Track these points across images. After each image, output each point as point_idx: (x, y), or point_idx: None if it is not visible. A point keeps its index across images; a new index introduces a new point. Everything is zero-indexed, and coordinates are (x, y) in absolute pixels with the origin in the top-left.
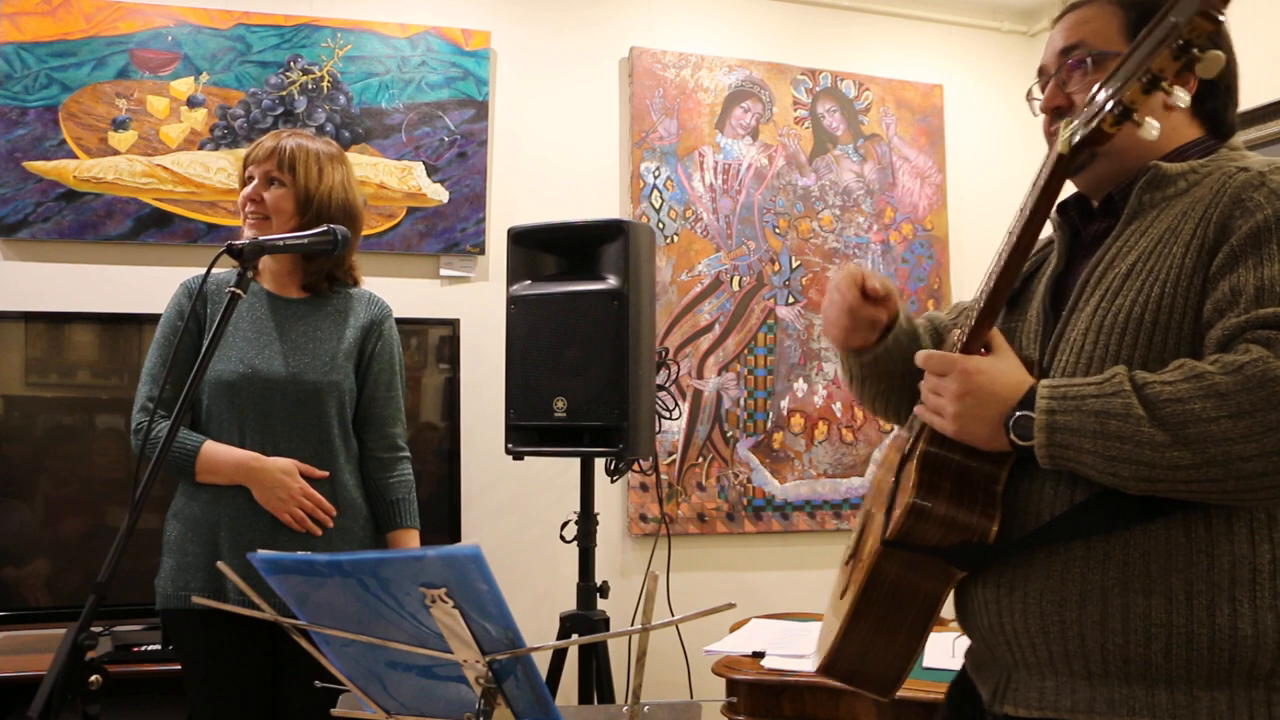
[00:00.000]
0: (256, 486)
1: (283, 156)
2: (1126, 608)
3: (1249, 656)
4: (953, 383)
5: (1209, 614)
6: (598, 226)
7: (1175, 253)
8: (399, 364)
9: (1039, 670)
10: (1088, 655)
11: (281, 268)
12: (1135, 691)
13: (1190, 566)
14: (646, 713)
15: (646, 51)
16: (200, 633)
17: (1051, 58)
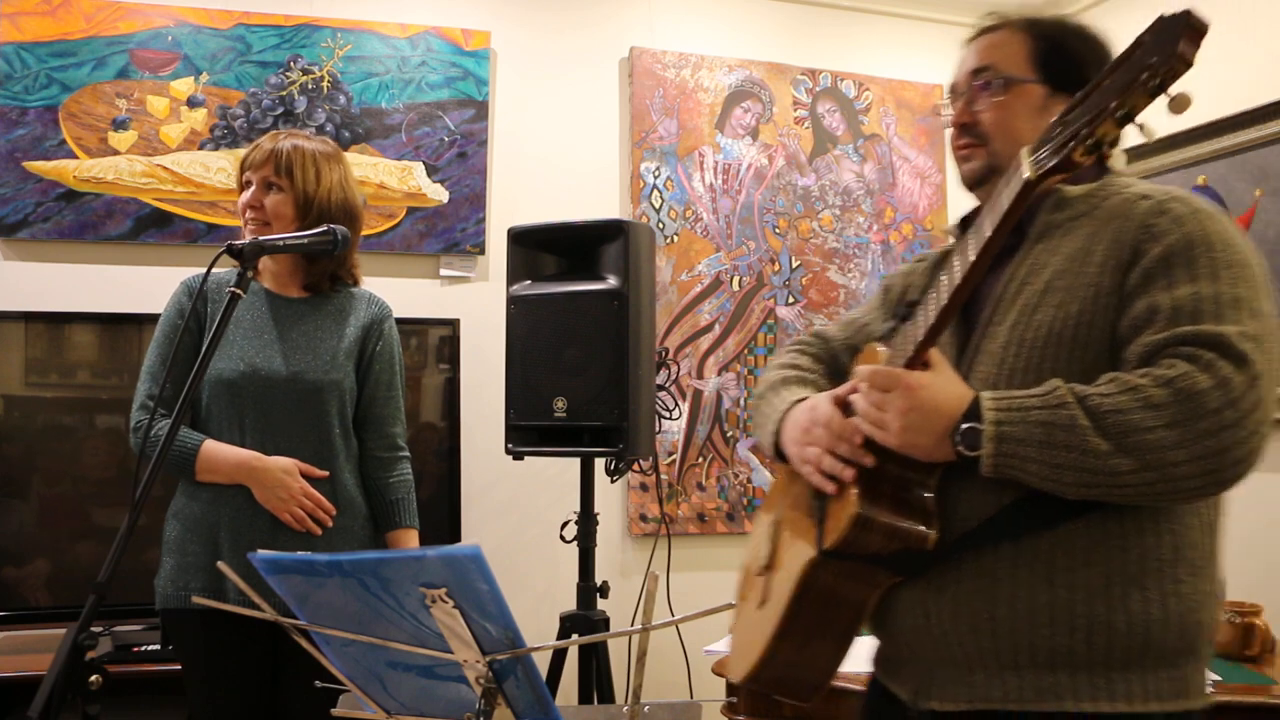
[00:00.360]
0: (257, 486)
1: (279, 160)
2: (1053, 602)
3: (1159, 638)
4: (898, 399)
5: (1124, 602)
6: (598, 226)
7: (1091, 272)
8: (399, 364)
9: (966, 665)
10: (1016, 648)
11: (282, 267)
12: (1060, 678)
13: (1107, 560)
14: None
15: (646, 51)
16: (200, 633)
17: (962, 77)
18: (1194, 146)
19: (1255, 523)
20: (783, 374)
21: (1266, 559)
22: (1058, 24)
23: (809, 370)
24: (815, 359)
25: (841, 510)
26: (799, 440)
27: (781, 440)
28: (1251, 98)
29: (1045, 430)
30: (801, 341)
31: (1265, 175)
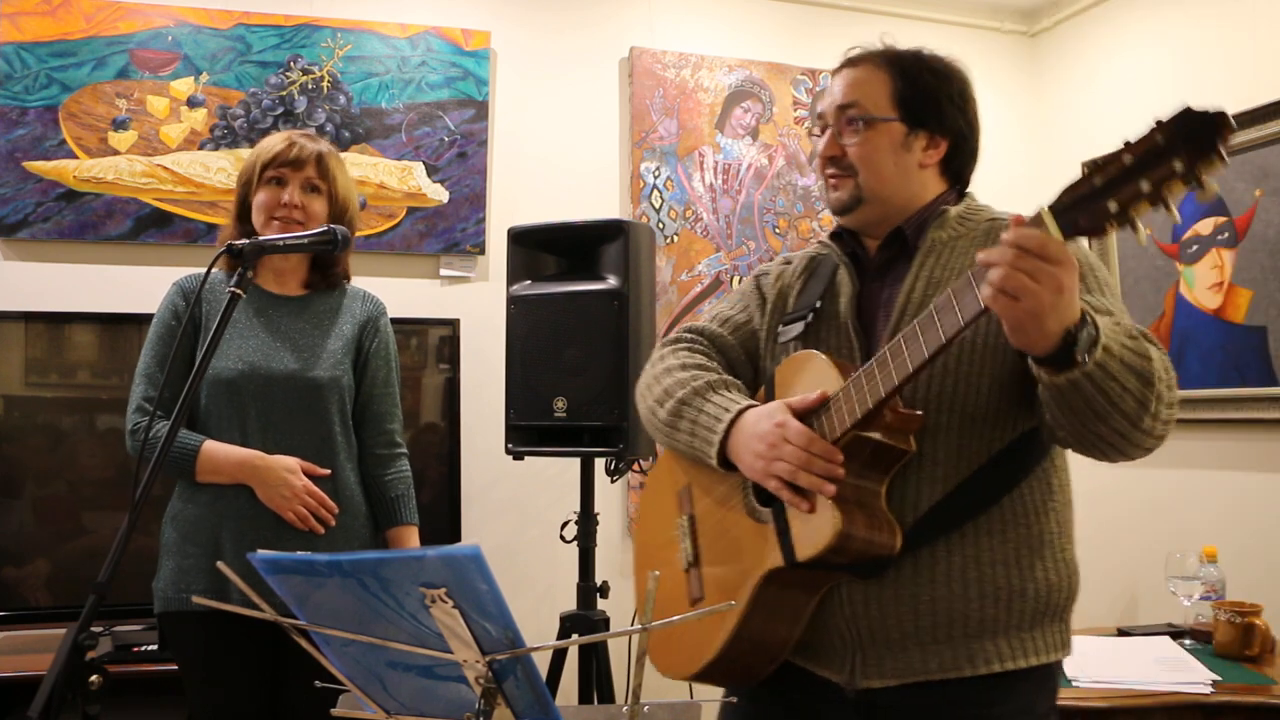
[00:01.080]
0: (260, 485)
1: (322, 164)
2: (980, 578)
3: (1055, 600)
4: (1064, 274)
5: (1031, 572)
6: (598, 226)
7: None
8: (395, 361)
9: (901, 644)
10: (951, 622)
11: (286, 265)
12: (985, 644)
13: (1019, 539)
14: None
15: (646, 51)
16: (201, 635)
17: (831, 110)
18: None
19: (1255, 523)
20: (703, 375)
21: (1266, 559)
22: (915, 61)
23: (716, 371)
24: (709, 357)
25: (815, 524)
26: (762, 454)
27: (732, 449)
28: (1251, 98)
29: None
30: (687, 339)
31: (1265, 175)
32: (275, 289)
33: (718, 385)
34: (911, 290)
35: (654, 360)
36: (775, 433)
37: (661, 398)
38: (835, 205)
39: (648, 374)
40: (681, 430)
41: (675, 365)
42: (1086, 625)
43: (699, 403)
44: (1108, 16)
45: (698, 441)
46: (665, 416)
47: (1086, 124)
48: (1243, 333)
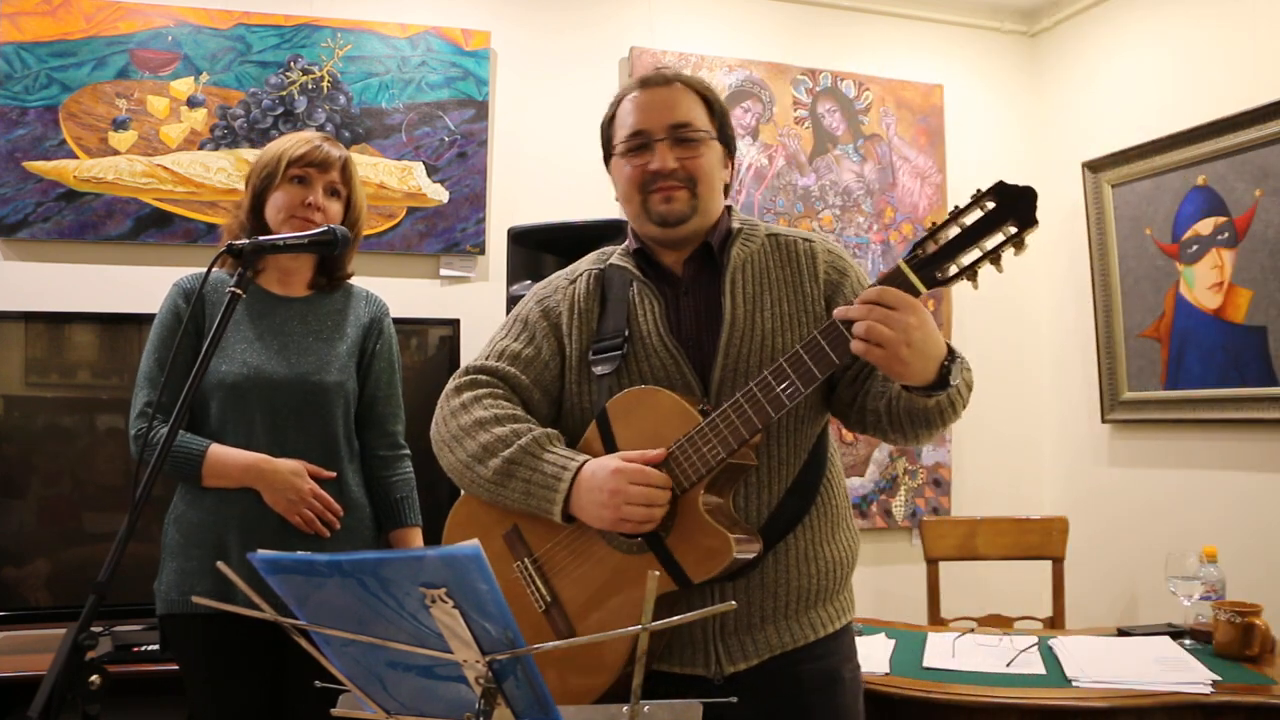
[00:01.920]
0: (266, 488)
1: (346, 170)
2: (817, 556)
3: (852, 563)
4: (912, 316)
5: (839, 542)
6: (598, 226)
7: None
8: (398, 361)
9: (759, 626)
10: (799, 599)
11: (292, 265)
12: (819, 612)
13: (831, 515)
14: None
15: (646, 51)
16: (203, 636)
17: (660, 127)
18: (1194, 146)
19: (1255, 523)
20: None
21: (1266, 559)
22: (713, 92)
23: (533, 422)
24: (511, 402)
25: (706, 547)
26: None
27: (574, 505)
28: (1251, 98)
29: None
30: (484, 382)
31: (1265, 175)
32: (279, 290)
33: (544, 441)
34: (735, 307)
35: (454, 409)
36: (615, 479)
37: (480, 454)
38: (671, 216)
39: (450, 424)
40: (512, 490)
41: (487, 418)
42: (1086, 625)
43: (531, 462)
44: (1108, 16)
45: (534, 500)
46: (490, 475)
47: (1086, 124)
48: (1243, 333)
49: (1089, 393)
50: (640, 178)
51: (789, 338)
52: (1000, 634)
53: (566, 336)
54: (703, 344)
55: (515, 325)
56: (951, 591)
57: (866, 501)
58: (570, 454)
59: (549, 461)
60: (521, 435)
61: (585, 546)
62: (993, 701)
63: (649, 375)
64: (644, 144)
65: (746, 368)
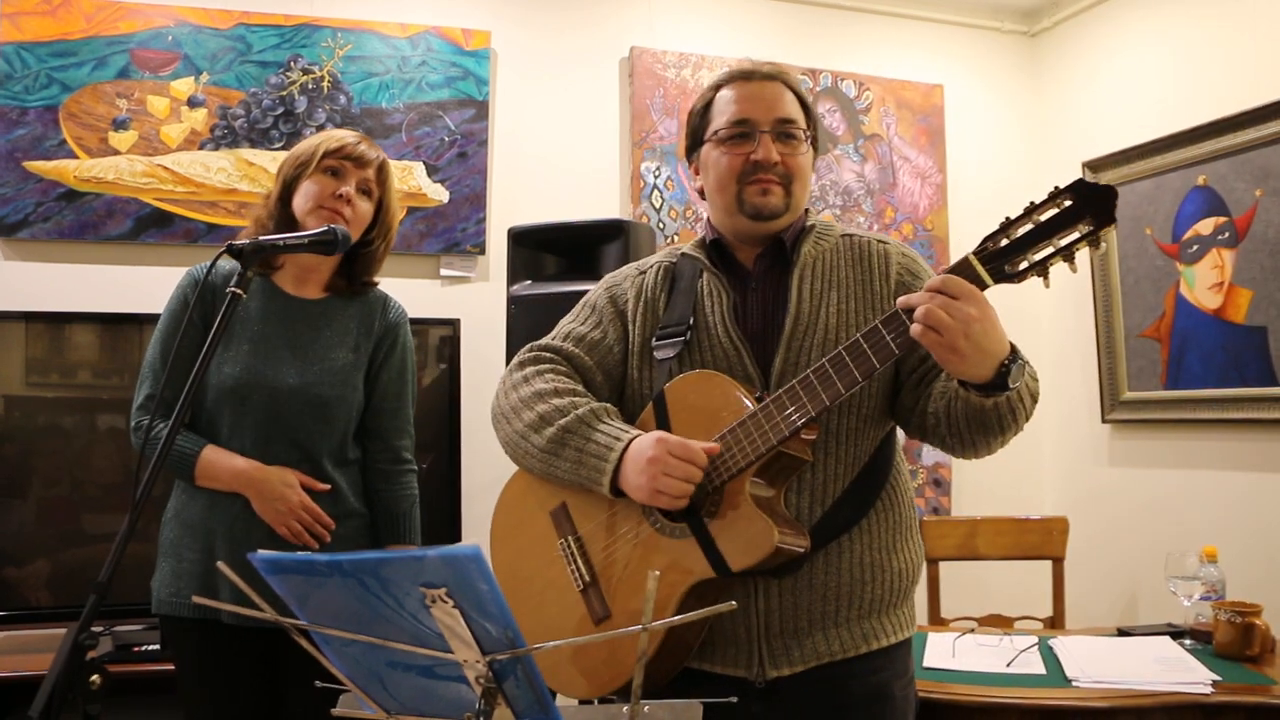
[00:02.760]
0: (256, 497)
1: (383, 171)
2: (873, 563)
3: (915, 577)
4: (974, 307)
5: (902, 553)
6: (598, 226)
7: (875, 295)
8: (411, 374)
9: (807, 631)
10: (851, 605)
11: (310, 263)
12: (874, 623)
13: (894, 524)
14: (646, 713)
15: (646, 51)
16: (196, 639)
17: (766, 120)
18: (1194, 146)
19: (1255, 523)
20: (581, 402)
21: (1266, 559)
22: (808, 97)
23: (589, 397)
24: (572, 379)
25: (748, 535)
26: (646, 471)
27: (622, 477)
28: (1251, 98)
29: (1032, 380)
30: (547, 359)
31: (1265, 175)
32: (293, 290)
33: (600, 413)
34: (801, 301)
35: (515, 382)
36: (656, 448)
37: (535, 424)
38: (767, 210)
39: (509, 396)
40: (564, 459)
41: (546, 390)
42: (1086, 625)
43: (585, 432)
44: (1108, 16)
45: (585, 470)
46: (543, 444)
47: (1086, 124)
48: (1243, 333)
49: (1089, 393)
50: (740, 167)
51: (852, 334)
52: (1000, 634)
53: (631, 322)
54: (767, 338)
55: (583, 310)
56: (951, 591)
57: None
58: (624, 428)
59: (602, 433)
60: (578, 407)
61: (628, 527)
62: (993, 701)
63: (710, 364)
64: (746, 134)
65: (808, 361)
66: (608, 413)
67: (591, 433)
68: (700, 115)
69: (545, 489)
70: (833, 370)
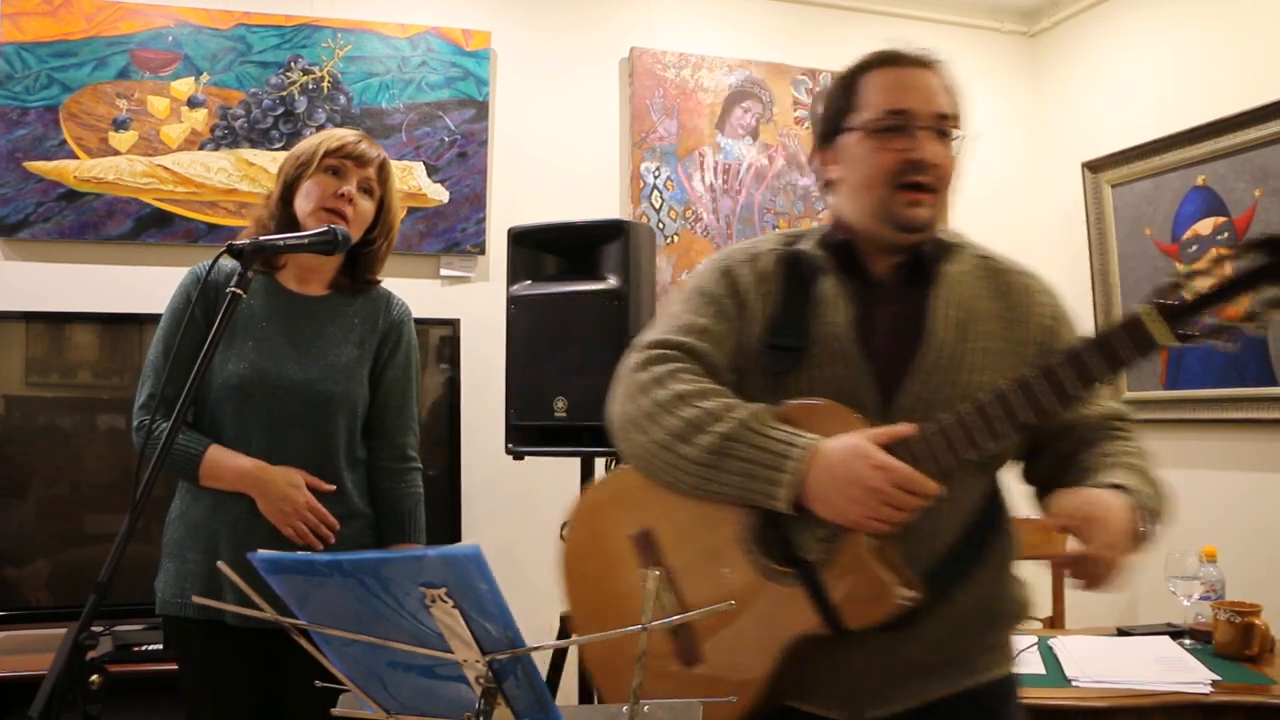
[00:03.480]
0: (261, 497)
1: (384, 170)
2: (989, 612)
3: (1022, 611)
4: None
5: (1008, 590)
6: (598, 226)
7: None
8: (415, 372)
9: (906, 673)
10: (955, 647)
11: (313, 263)
12: (980, 659)
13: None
14: (646, 713)
15: (646, 51)
16: (199, 640)
17: (926, 113)
18: (1194, 146)
19: (1255, 523)
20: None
21: (1266, 559)
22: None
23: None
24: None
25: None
26: (859, 499)
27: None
28: (1251, 98)
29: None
30: (673, 356)
31: (1265, 175)
32: (296, 287)
33: (764, 416)
34: (944, 328)
35: (643, 384)
36: (877, 476)
37: (684, 432)
38: (917, 223)
39: (639, 400)
40: (727, 470)
41: (689, 391)
42: (1086, 625)
43: (751, 438)
44: (1108, 16)
45: (757, 483)
46: (698, 455)
47: (1086, 124)
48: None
49: None
50: (894, 166)
51: (989, 378)
52: None
53: (748, 317)
54: (891, 360)
55: (696, 299)
56: None
57: None
58: (796, 431)
59: (775, 439)
60: (735, 409)
61: (727, 564)
62: None
63: (825, 382)
64: (901, 127)
65: (939, 399)
66: (770, 414)
67: (759, 439)
68: (840, 99)
69: (627, 509)
70: (976, 423)
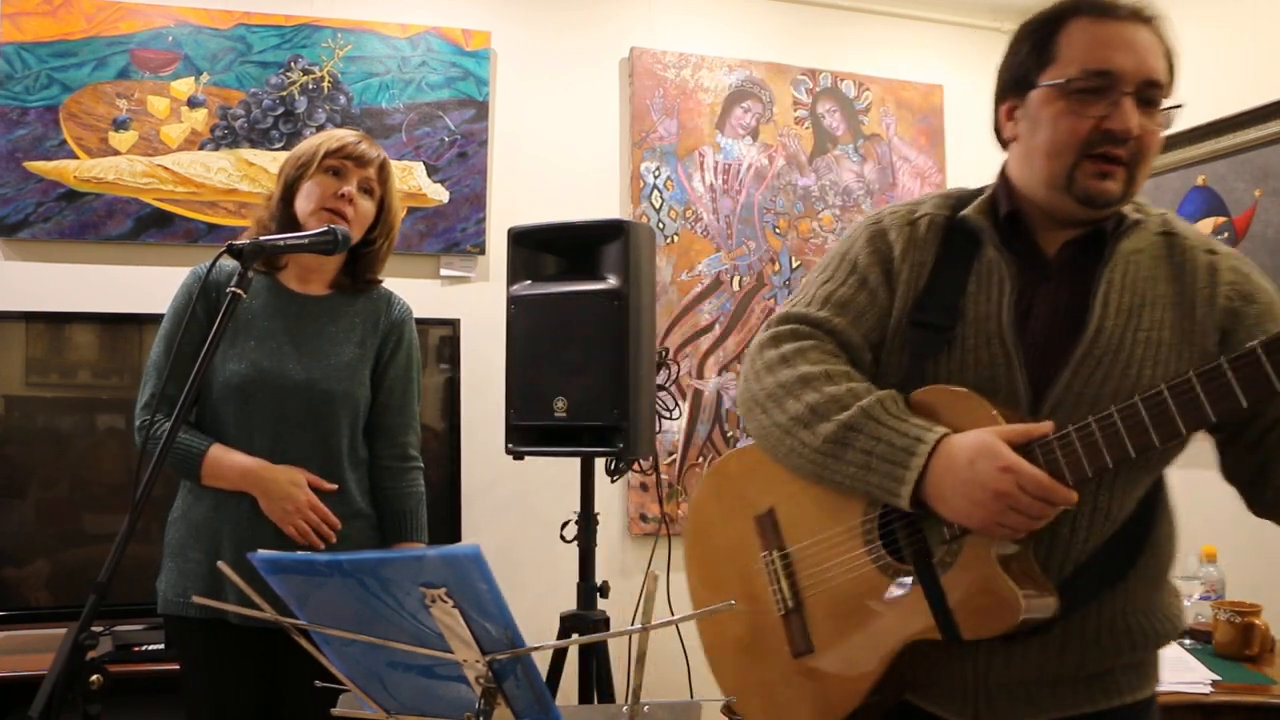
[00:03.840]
0: (263, 496)
1: (384, 170)
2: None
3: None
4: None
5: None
6: (598, 226)
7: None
8: (416, 370)
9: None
10: (1088, 663)
11: (313, 263)
12: (1114, 678)
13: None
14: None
15: (646, 51)
16: (201, 640)
17: (1134, 78)
18: (1194, 146)
19: (1255, 523)
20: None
21: (1266, 559)
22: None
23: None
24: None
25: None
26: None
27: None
28: (1251, 98)
29: None
30: (805, 333)
31: (1265, 175)
32: (297, 287)
33: (889, 404)
34: (1105, 314)
35: (770, 363)
36: (1005, 480)
37: (806, 418)
38: (1102, 199)
39: (764, 380)
40: (847, 462)
41: (815, 374)
42: None
43: (874, 429)
44: None
45: (876, 477)
46: (818, 444)
47: None
48: None
49: None
50: (1087, 134)
51: (1158, 373)
52: None
53: (895, 286)
54: (1049, 350)
55: (840, 267)
56: None
57: None
58: (923, 424)
59: (897, 430)
60: (860, 396)
61: (845, 555)
62: None
63: (971, 368)
64: (1103, 90)
65: (1096, 395)
66: (895, 402)
67: (881, 430)
68: (1032, 48)
69: (757, 489)
70: (1124, 426)
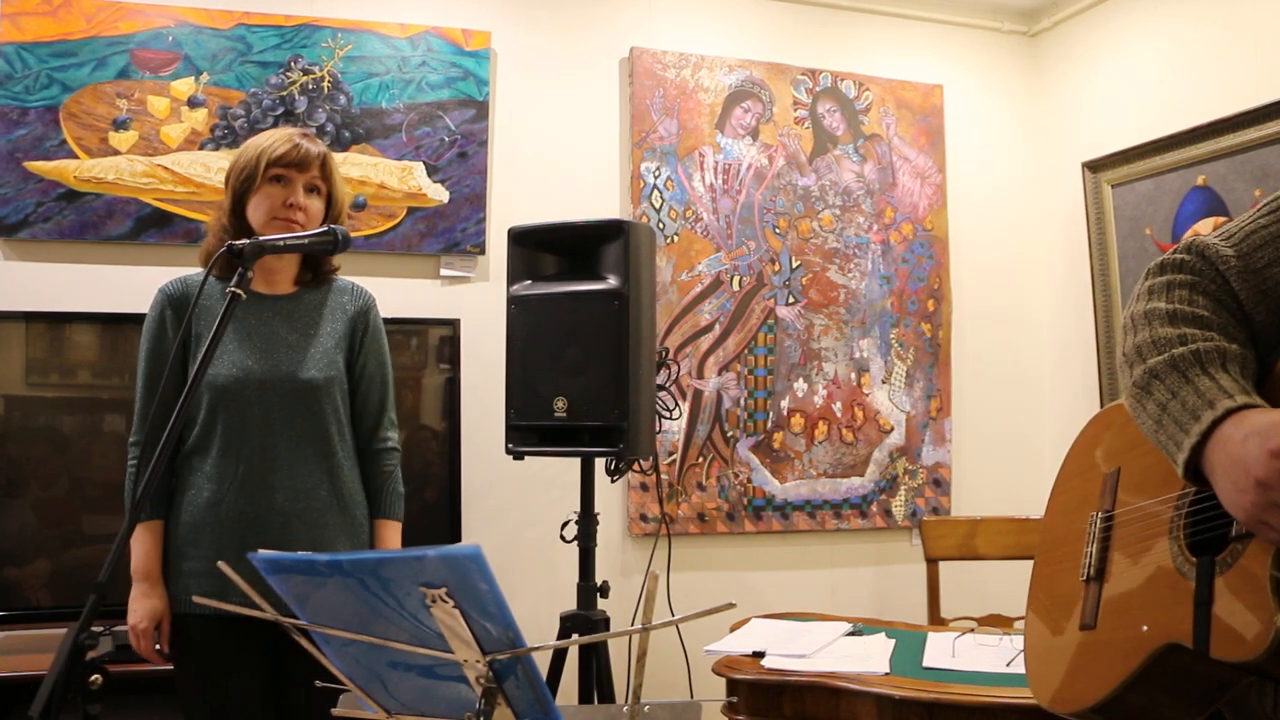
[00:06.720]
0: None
1: (326, 167)
2: None
3: None
4: None
5: None
6: (598, 226)
7: None
8: (386, 353)
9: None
10: None
11: (278, 264)
12: None
13: None
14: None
15: (646, 51)
16: (200, 638)
17: None
18: (1194, 146)
19: None
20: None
21: None
22: None
23: (1221, 334)
24: (1216, 307)
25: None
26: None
27: (1208, 460)
28: (1251, 98)
29: None
30: (1190, 265)
31: (1265, 175)
32: (264, 289)
33: (1207, 358)
34: None
35: (1141, 291)
36: (1270, 467)
37: (1133, 354)
38: None
39: (1134, 309)
40: (1147, 411)
41: (1161, 311)
42: None
43: (1174, 382)
44: (1108, 16)
45: (1163, 435)
46: (1131, 382)
47: (1086, 124)
48: None
49: (1089, 393)
50: None
51: None
52: (1000, 634)
53: None
54: None
55: (1273, 200)
56: (951, 591)
57: (866, 501)
58: (1230, 387)
59: (1196, 388)
60: (1188, 342)
61: (1156, 532)
62: (993, 701)
63: None
64: None
65: None
66: (1219, 358)
67: (1183, 385)
68: None
69: (1117, 444)
70: None
